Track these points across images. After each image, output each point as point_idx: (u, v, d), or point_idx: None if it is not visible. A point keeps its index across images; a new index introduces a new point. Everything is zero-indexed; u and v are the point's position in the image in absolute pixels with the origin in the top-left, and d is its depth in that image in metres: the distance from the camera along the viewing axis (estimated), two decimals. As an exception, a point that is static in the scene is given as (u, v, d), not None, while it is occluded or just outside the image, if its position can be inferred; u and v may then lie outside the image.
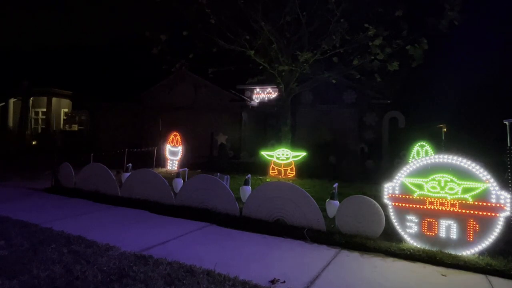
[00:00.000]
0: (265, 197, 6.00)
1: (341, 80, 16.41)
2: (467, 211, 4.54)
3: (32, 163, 14.57)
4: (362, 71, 13.73)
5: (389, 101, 17.73)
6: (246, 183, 7.34)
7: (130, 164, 9.47)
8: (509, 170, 5.24)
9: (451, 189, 4.62)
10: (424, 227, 4.77)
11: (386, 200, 5.02)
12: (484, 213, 4.46)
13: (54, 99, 25.33)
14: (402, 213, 4.92)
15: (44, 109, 25.48)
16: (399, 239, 4.91)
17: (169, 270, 3.82)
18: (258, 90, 22.05)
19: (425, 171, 4.79)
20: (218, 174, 7.70)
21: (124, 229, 5.56)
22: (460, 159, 4.63)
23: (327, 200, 5.95)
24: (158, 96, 21.61)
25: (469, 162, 4.58)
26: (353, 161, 13.90)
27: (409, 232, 4.87)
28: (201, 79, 20.01)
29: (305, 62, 13.22)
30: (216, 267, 3.93)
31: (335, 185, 6.33)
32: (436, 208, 4.70)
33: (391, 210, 5.00)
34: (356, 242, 4.91)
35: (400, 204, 4.93)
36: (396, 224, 4.96)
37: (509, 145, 5.42)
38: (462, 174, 4.59)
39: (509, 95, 19.50)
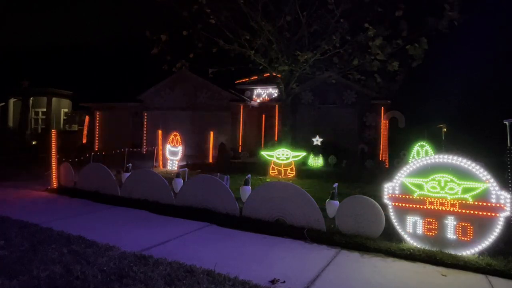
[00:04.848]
0: (265, 197, 5.99)
1: (341, 80, 16.43)
2: (467, 211, 4.54)
3: (32, 163, 14.57)
4: (362, 71, 13.72)
5: (389, 101, 17.72)
6: (246, 183, 7.33)
7: (130, 164, 9.47)
8: (509, 170, 5.24)
9: (451, 189, 4.62)
10: (424, 227, 4.77)
11: (386, 200, 5.02)
12: (484, 213, 4.46)
13: (54, 99, 25.33)
14: (402, 213, 4.92)
15: (44, 109, 25.48)
16: (399, 239, 4.91)
17: (169, 270, 3.82)
18: (258, 90, 22.06)
19: (425, 171, 4.79)
20: (218, 174, 7.70)
21: (124, 229, 5.56)
22: (460, 159, 4.62)
23: (327, 200, 5.95)
24: (158, 96, 21.61)
25: (469, 162, 4.58)
26: (353, 161, 13.89)
27: (409, 232, 4.87)
28: (201, 79, 19.99)
29: (305, 62, 13.21)
30: (216, 267, 3.92)
31: (335, 185, 6.32)
32: (436, 208, 4.69)
33: (391, 210, 4.99)
34: (356, 242, 4.91)
35: (400, 204, 4.93)
36: (396, 224, 4.96)
37: (509, 145, 5.42)
38: (462, 174, 4.58)
39: (509, 95, 19.52)
